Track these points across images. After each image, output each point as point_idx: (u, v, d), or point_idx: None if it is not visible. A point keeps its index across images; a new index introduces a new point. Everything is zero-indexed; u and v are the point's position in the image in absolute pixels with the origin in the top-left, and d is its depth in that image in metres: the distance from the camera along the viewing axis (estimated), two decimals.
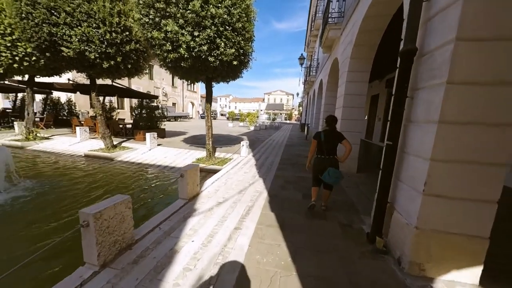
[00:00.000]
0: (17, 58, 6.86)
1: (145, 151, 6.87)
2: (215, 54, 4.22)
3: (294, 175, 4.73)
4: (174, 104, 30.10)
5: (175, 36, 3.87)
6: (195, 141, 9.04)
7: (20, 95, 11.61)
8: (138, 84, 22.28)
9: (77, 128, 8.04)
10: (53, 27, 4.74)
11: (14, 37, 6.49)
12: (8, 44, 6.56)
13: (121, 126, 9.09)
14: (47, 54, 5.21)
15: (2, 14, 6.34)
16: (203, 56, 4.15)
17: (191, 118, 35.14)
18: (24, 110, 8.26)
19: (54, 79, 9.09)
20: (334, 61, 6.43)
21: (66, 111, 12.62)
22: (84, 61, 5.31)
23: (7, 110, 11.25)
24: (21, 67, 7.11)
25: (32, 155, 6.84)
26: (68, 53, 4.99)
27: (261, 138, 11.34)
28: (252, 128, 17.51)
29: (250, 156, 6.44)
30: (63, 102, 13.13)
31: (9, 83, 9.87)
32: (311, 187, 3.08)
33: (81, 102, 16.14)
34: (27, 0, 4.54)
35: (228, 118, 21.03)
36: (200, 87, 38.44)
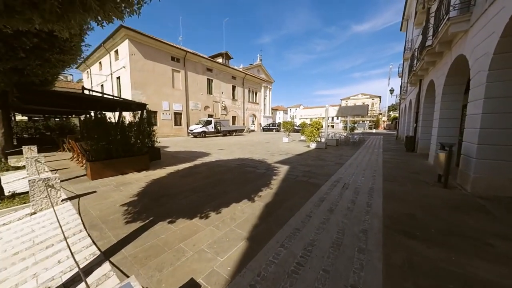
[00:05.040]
0: None
1: (12, 220, 3.07)
2: None
3: None
4: (234, 117, 28.57)
5: None
6: (173, 181, 4.64)
7: None
8: (197, 99, 21.66)
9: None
10: None
11: None
12: None
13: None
14: None
15: None
16: None
17: (252, 131, 32.66)
18: None
19: None
20: None
21: None
22: None
23: None
24: None
25: None
26: None
27: (317, 173, 5.43)
28: (313, 145, 11.44)
29: None
30: None
31: None
32: None
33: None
34: None
35: (285, 131, 15.82)
36: (262, 98, 35.80)
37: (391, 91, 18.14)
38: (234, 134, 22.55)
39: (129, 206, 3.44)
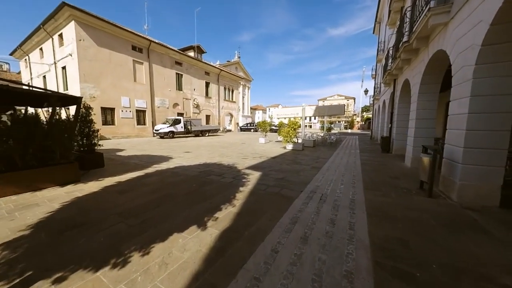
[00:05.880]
0: None
1: None
2: None
3: None
4: (208, 116, 26.99)
5: None
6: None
7: None
8: (164, 96, 19.59)
9: None
10: None
11: None
12: None
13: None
14: None
15: None
16: None
17: (229, 131, 31.42)
18: None
19: None
20: None
21: None
22: None
23: None
24: None
25: None
26: None
27: (292, 181, 4.71)
28: (290, 147, 10.87)
29: None
30: None
31: None
32: None
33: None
34: None
35: (263, 131, 14.97)
36: (240, 97, 34.73)
37: (366, 91, 18.71)
38: (207, 135, 21.14)
39: (5, 249, 2.22)
